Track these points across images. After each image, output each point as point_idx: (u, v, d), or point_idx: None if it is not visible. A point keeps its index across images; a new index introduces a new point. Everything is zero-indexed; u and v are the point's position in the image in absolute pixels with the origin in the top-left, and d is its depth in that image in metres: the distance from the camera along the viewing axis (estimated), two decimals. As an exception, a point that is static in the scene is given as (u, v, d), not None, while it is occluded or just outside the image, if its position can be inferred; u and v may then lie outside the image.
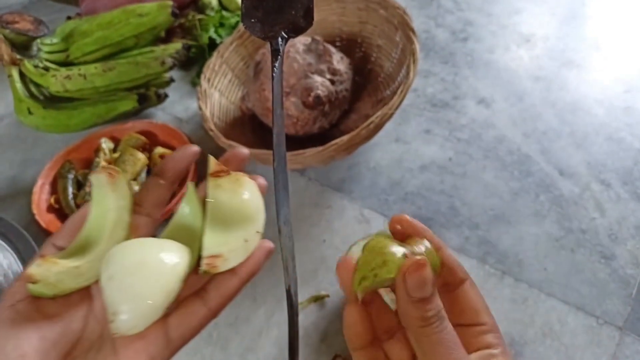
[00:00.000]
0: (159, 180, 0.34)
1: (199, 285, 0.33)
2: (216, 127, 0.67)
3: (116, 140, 0.76)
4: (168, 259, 0.29)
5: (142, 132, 0.76)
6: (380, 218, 0.65)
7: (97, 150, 0.74)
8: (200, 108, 0.67)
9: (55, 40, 0.81)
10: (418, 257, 0.28)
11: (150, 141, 0.75)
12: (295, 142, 0.68)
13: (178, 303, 0.31)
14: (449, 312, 0.31)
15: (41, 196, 0.70)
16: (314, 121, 0.67)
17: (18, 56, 0.75)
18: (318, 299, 0.58)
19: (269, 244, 0.34)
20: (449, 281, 0.32)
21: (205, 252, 0.31)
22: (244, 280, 0.33)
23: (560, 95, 0.76)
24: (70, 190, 0.69)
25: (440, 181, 0.68)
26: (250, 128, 0.75)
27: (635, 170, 0.65)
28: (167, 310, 0.30)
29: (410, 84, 0.60)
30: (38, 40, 0.78)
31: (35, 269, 0.29)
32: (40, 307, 0.30)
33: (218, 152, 0.74)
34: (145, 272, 0.29)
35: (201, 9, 1.00)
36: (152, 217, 0.34)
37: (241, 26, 0.79)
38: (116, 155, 0.73)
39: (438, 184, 0.68)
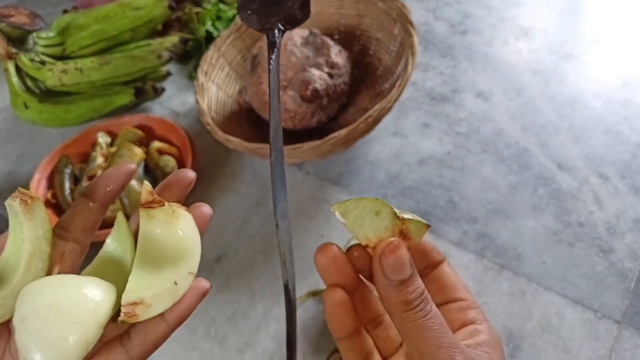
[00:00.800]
0: (88, 203, 0.30)
1: (123, 328, 0.29)
2: (213, 121, 0.67)
3: (113, 135, 0.76)
4: (88, 300, 0.26)
5: (139, 126, 0.76)
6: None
7: (94, 144, 0.74)
8: (197, 102, 0.67)
9: (51, 34, 0.81)
10: (392, 239, 0.27)
11: (147, 135, 0.75)
12: (293, 136, 0.68)
13: (99, 347, 0.28)
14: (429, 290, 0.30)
15: (38, 191, 0.69)
16: (312, 115, 0.66)
17: (14, 50, 0.75)
18: (316, 294, 0.58)
19: (205, 284, 0.30)
20: (426, 264, 0.31)
21: (124, 299, 0.27)
22: (173, 327, 0.29)
23: (558, 89, 0.76)
24: (67, 185, 0.69)
25: (439, 175, 0.68)
26: (248, 122, 0.75)
27: (633, 164, 0.65)
28: (88, 356, 0.27)
29: (409, 77, 0.60)
30: (34, 34, 0.77)
31: None
32: None
33: (215, 146, 0.74)
34: (60, 315, 0.25)
35: (198, 2, 0.99)
36: (80, 244, 0.30)
37: (238, 19, 0.78)
38: (113, 149, 0.73)
39: (436, 178, 0.67)
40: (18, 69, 0.77)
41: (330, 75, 0.66)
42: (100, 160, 0.71)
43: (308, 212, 0.66)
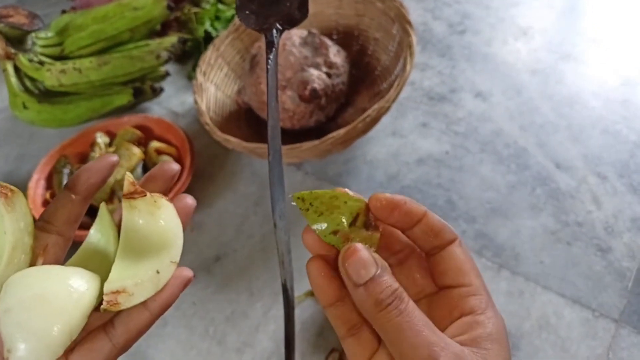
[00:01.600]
0: (70, 195, 0.30)
1: (107, 317, 0.29)
2: (212, 121, 0.67)
3: (112, 135, 0.76)
4: (72, 290, 0.27)
5: (138, 127, 0.76)
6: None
7: (93, 144, 0.73)
8: (196, 102, 0.67)
9: (50, 34, 0.81)
10: (350, 245, 0.27)
11: (145, 135, 0.75)
12: (292, 136, 0.68)
13: (83, 336, 0.29)
14: (431, 275, 0.29)
15: (37, 191, 0.69)
16: (310, 115, 0.67)
17: (13, 50, 0.75)
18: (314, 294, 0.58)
19: (187, 273, 0.30)
20: (436, 244, 0.29)
21: (107, 288, 0.27)
22: (156, 315, 0.29)
23: (557, 89, 0.76)
24: (65, 185, 0.69)
25: (437, 175, 0.68)
26: (247, 122, 0.75)
27: (631, 163, 0.65)
28: (72, 345, 0.28)
29: (407, 77, 0.60)
30: (33, 34, 0.77)
31: None
32: None
33: (214, 146, 0.74)
34: (45, 305, 0.26)
35: (197, 2, 0.99)
36: (63, 236, 0.30)
37: (237, 19, 0.78)
38: (111, 149, 0.73)
39: (435, 178, 0.68)
40: (17, 69, 0.77)
41: (329, 75, 0.66)
42: (99, 160, 0.71)
43: (307, 212, 0.66)
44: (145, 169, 0.71)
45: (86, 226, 0.32)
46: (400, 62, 0.67)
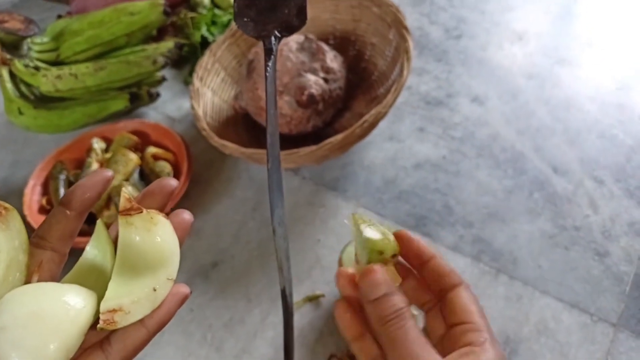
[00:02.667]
0: (65, 211, 0.30)
1: (103, 334, 0.29)
2: (209, 126, 0.67)
3: (108, 140, 0.76)
4: (69, 307, 0.26)
5: (134, 132, 0.76)
6: (375, 217, 0.65)
7: (89, 150, 0.73)
8: (192, 107, 0.67)
9: (45, 40, 0.80)
10: (370, 265, 0.31)
11: (142, 141, 0.75)
12: (289, 141, 0.68)
13: (80, 352, 0.28)
14: (443, 315, 0.33)
15: (32, 197, 0.69)
16: (307, 120, 0.67)
17: (8, 56, 0.75)
18: (313, 299, 0.58)
19: (184, 290, 0.30)
20: (442, 286, 0.33)
21: (103, 307, 0.27)
22: (153, 332, 0.29)
23: (553, 93, 0.76)
24: (62, 191, 0.69)
25: (434, 179, 0.68)
26: (244, 127, 0.75)
27: (628, 167, 0.65)
28: None
29: (404, 82, 0.60)
30: (28, 40, 0.77)
31: None
32: None
33: (211, 151, 0.74)
34: (41, 323, 0.26)
35: (193, 7, 0.99)
36: (58, 252, 0.30)
37: (234, 24, 0.78)
38: (108, 155, 0.72)
39: (432, 182, 0.68)
40: (12, 75, 0.77)
41: (326, 81, 0.66)
42: (95, 166, 0.71)
43: (304, 218, 0.66)
44: (142, 174, 0.70)
45: (85, 234, 0.32)
46: (397, 67, 0.67)
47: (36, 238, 0.30)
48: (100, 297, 0.28)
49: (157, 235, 0.29)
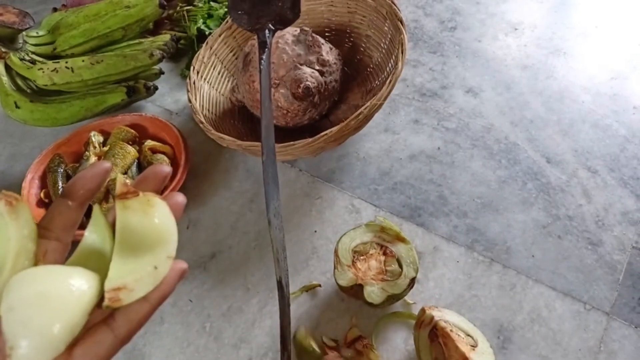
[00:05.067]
0: (67, 202, 0.31)
1: (107, 313, 0.30)
2: (206, 119, 0.67)
3: (106, 134, 0.76)
4: (73, 288, 0.28)
5: (132, 125, 0.76)
6: (371, 208, 0.65)
7: (87, 143, 0.73)
8: (189, 100, 0.67)
9: (41, 33, 0.80)
10: None
11: (140, 134, 0.75)
12: (285, 134, 0.68)
13: (85, 331, 0.29)
14: None
15: (31, 190, 0.69)
16: (303, 112, 0.67)
17: (4, 49, 0.75)
18: (310, 289, 0.58)
19: (182, 265, 0.32)
20: None
21: (107, 285, 0.28)
22: (155, 306, 0.31)
23: (547, 84, 0.77)
24: (60, 184, 0.69)
25: (429, 170, 0.68)
26: (241, 120, 0.75)
27: (621, 157, 0.66)
28: (73, 342, 0.29)
29: (399, 74, 0.60)
30: (24, 33, 0.77)
31: None
32: None
33: (208, 143, 0.74)
34: (47, 303, 0.27)
35: (189, 0, 0.99)
36: (61, 242, 0.32)
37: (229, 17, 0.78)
38: (106, 148, 0.73)
39: (427, 174, 0.68)
40: (8, 69, 0.77)
41: (322, 73, 0.66)
42: (93, 159, 0.71)
43: (300, 209, 0.66)
44: (140, 167, 0.71)
45: (84, 227, 0.32)
46: (392, 59, 0.68)
47: (40, 229, 0.31)
48: (101, 279, 0.29)
49: (154, 217, 0.30)
